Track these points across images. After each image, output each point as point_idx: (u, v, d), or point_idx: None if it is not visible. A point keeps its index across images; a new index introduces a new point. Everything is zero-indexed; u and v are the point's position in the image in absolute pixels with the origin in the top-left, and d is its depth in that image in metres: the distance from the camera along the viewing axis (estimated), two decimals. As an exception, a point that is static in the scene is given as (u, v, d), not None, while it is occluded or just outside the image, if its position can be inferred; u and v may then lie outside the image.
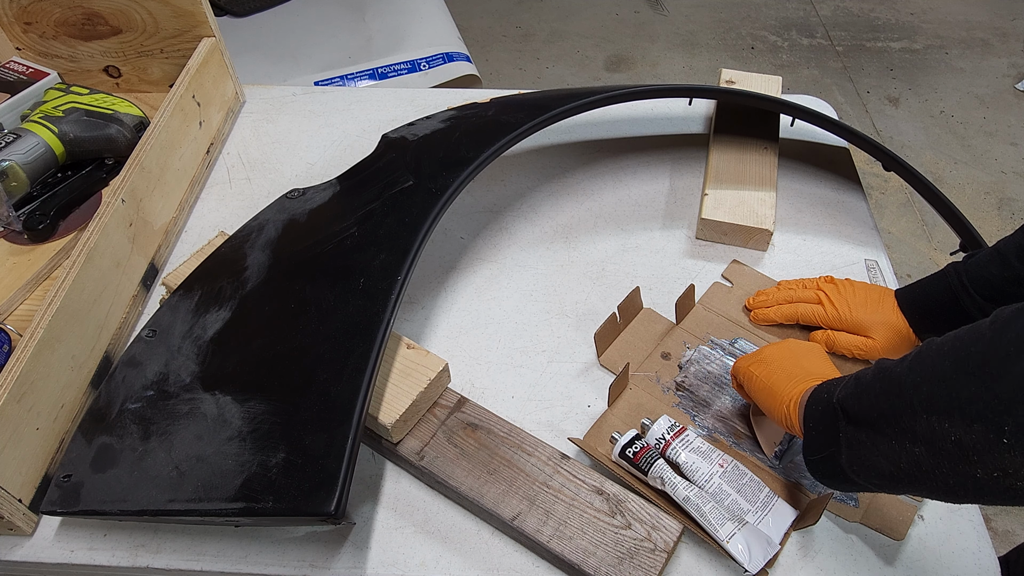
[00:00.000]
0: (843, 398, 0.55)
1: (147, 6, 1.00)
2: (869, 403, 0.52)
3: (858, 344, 0.77)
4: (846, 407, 0.54)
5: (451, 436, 0.69)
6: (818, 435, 0.57)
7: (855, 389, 0.54)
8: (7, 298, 0.81)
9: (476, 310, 0.86)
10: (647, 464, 0.66)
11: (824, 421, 0.57)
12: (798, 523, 0.66)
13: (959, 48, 2.87)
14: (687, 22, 3.04)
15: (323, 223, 0.80)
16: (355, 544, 0.67)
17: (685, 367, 0.78)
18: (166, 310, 0.76)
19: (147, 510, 0.60)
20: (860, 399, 0.53)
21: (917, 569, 0.65)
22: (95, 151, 0.96)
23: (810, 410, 0.59)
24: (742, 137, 1.02)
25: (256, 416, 0.62)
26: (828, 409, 0.57)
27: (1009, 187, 2.30)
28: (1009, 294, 0.70)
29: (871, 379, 0.53)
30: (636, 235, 0.95)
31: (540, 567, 0.65)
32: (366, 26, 1.88)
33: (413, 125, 0.91)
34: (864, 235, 0.94)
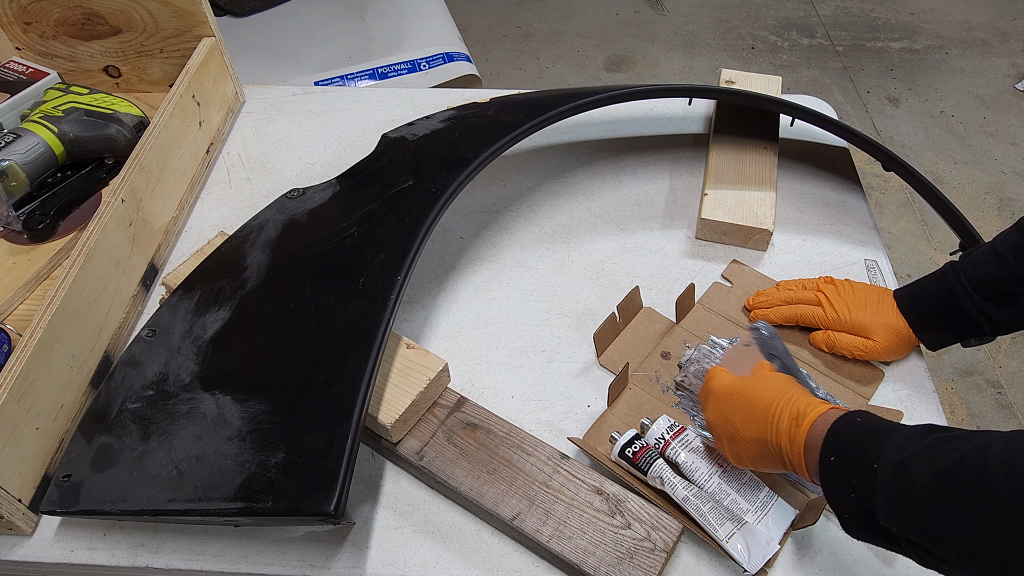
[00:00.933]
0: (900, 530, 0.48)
1: (147, 6, 1.00)
2: (948, 549, 0.45)
3: (858, 345, 0.77)
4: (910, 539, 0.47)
5: (451, 436, 0.69)
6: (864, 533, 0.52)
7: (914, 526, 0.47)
8: (7, 298, 0.81)
9: (476, 310, 0.86)
10: (646, 464, 0.66)
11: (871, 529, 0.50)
12: (797, 523, 0.66)
13: (959, 48, 2.87)
14: (687, 22, 3.04)
15: (323, 223, 0.80)
16: (355, 544, 0.67)
17: (685, 367, 0.78)
18: (166, 310, 0.76)
19: (147, 510, 0.60)
20: (933, 540, 0.46)
21: (917, 569, 0.64)
22: (95, 151, 0.96)
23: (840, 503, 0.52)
24: (742, 137, 1.02)
25: (256, 416, 0.62)
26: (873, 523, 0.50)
27: (1009, 187, 2.30)
28: (1007, 293, 0.70)
29: (934, 521, 0.45)
30: (636, 235, 0.95)
31: (540, 567, 0.65)
32: (366, 26, 1.88)
33: (413, 125, 0.91)
34: (864, 235, 0.94)
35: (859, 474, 0.50)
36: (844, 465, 0.52)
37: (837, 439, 0.54)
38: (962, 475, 0.44)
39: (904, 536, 0.48)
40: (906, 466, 0.47)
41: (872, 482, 0.49)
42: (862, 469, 0.50)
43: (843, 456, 0.53)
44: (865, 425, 0.53)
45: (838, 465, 0.53)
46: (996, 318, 0.71)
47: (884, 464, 0.49)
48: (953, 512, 0.44)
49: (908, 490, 0.47)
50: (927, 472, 0.46)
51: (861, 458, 0.51)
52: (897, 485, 0.47)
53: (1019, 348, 1.90)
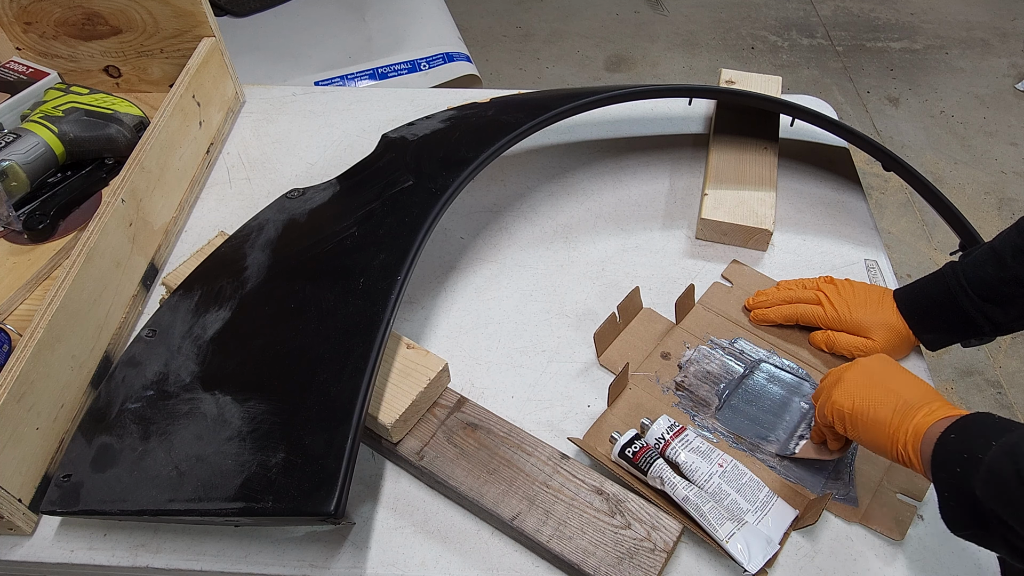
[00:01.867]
0: (993, 502, 0.49)
1: (147, 6, 1.00)
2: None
3: (858, 345, 0.77)
4: (1000, 514, 0.48)
5: (451, 436, 0.69)
6: (960, 514, 0.52)
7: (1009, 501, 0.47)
8: (7, 298, 0.81)
9: (476, 310, 0.86)
10: (646, 464, 0.66)
11: (965, 507, 0.51)
12: (798, 523, 0.66)
13: (959, 48, 2.87)
14: (687, 22, 3.04)
15: (323, 223, 0.80)
16: (355, 544, 0.67)
17: (685, 367, 0.78)
18: (166, 310, 0.76)
19: (147, 510, 0.60)
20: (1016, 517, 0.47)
21: (917, 569, 0.65)
22: (95, 151, 0.96)
23: (942, 478, 0.53)
24: (742, 137, 1.02)
25: (256, 416, 0.62)
26: (968, 497, 0.51)
27: (1009, 187, 2.30)
28: (1006, 293, 0.70)
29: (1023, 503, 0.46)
30: (636, 235, 0.95)
31: (540, 567, 0.65)
32: (366, 26, 1.88)
33: (413, 125, 0.91)
34: (864, 235, 0.94)
35: (972, 449, 0.51)
36: (962, 441, 0.52)
37: (967, 420, 0.54)
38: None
39: (995, 512, 0.48)
40: (1020, 445, 0.48)
41: (983, 454, 0.50)
42: (978, 445, 0.51)
43: (965, 433, 0.53)
44: (999, 418, 0.53)
45: (955, 440, 0.53)
46: (995, 319, 0.71)
47: (1003, 442, 0.49)
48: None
49: (1015, 466, 0.47)
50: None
51: (981, 437, 0.51)
52: (1005, 461, 0.48)
53: (1019, 348, 1.90)
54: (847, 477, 0.70)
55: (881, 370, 0.63)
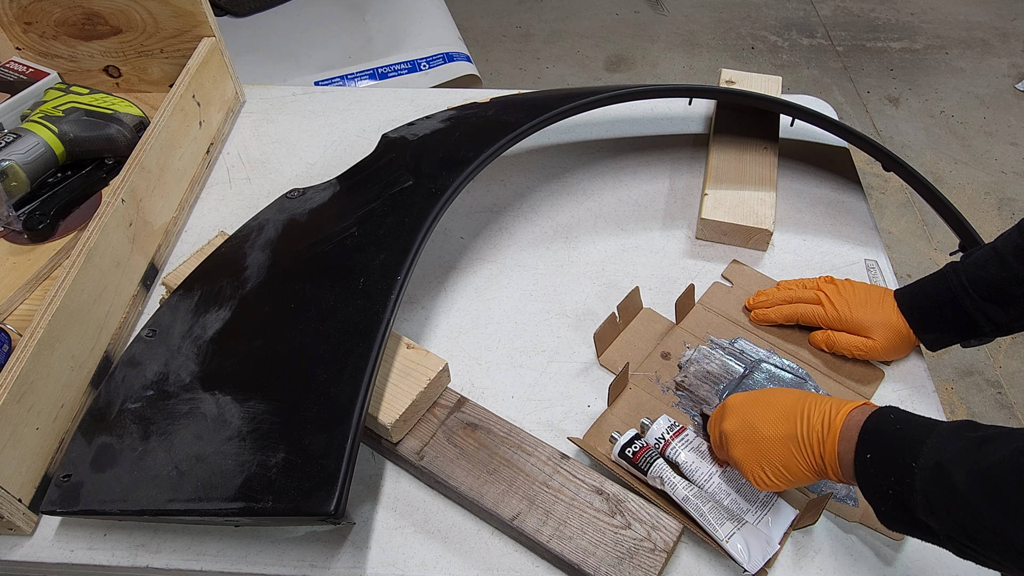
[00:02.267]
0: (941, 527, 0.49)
1: (147, 6, 1.00)
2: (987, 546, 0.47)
3: (858, 344, 0.77)
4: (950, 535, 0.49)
5: (451, 436, 0.69)
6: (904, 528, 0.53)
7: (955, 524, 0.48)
8: (7, 298, 0.81)
9: (476, 310, 0.86)
10: (646, 464, 0.66)
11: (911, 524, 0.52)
12: (797, 523, 0.66)
13: (959, 48, 2.87)
14: (687, 22, 3.04)
15: (323, 223, 0.80)
16: (355, 544, 0.67)
17: (685, 367, 0.78)
18: (166, 310, 0.76)
19: (147, 510, 0.60)
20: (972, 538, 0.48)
21: (916, 569, 0.65)
22: (95, 151, 0.96)
23: (876, 498, 0.53)
24: (742, 137, 1.02)
25: (256, 416, 0.62)
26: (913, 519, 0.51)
27: (1009, 187, 2.30)
28: (1008, 294, 0.70)
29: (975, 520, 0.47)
30: (636, 235, 0.95)
31: (540, 567, 0.65)
32: (366, 26, 1.88)
33: (413, 125, 0.91)
34: (864, 235, 0.94)
35: (896, 472, 0.51)
36: (881, 463, 0.53)
37: (872, 436, 0.54)
38: (1004, 479, 0.45)
39: (944, 532, 0.49)
40: (945, 468, 0.48)
41: (911, 481, 0.50)
42: (900, 468, 0.51)
43: (879, 453, 0.53)
44: (899, 423, 0.54)
45: (874, 463, 0.53)
46: (996, 319, 0.71)
47: (923, 464, 0.49)
48: (997, 516, 0.45)
49: (949, 493, 0.48)
50: (967, 475, 0.47)
51: (898, 456, 0.51)
52: (937, 487, 0.48)
53: (1019, 348, 1.90)
54: (847, 477, 0.70)
55: (747, 427, 0.62)
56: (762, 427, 0.61)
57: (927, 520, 0.50)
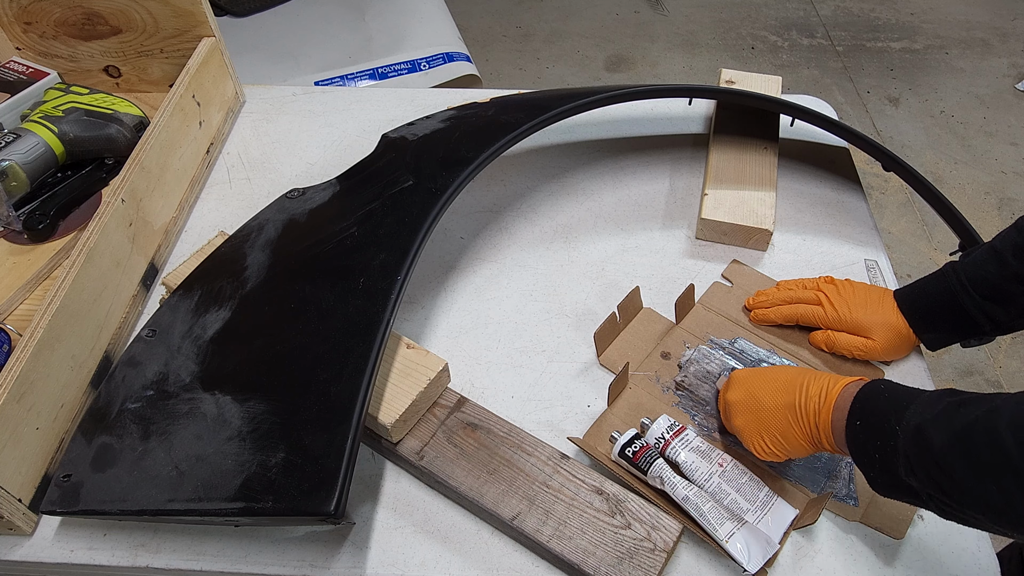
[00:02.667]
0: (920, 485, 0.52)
1: (147, 6, 1.00)
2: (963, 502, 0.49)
3: (858, 345, 0.77)
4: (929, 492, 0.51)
5: (451, 436, 0.69)
6: (891, 490, 0.56)
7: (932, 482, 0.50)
8: (7, 298, 0.81)
9: (476, 310, 0.86)
10: (646, 463, 0.66)
11: (897, 485, 0.54)
12: (797, 522, 0.66)
13: (959, 48, 2.87)
14: (687, 22, 3.04)
15: (323, 223, 0.80)
16: (355, 544, 0.67)
17: (685, 366, 0.78)
18: (166, 310, 0.76)
19: (147, 510, 0.60)
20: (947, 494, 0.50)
21: (917, 568, 0.65)
22: (95, 151, 0.96)
23: (865, 462, 0.57)
24: (742, 137, 1.02)
25: (256, 416, 0.62)
26: (897, 480, 0.54)
27: (1009, 187, 2.30)
28: (1008, 292, 0.70)
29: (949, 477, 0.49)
30: (636, 235, 0.95)
31: (540, 567, 0.65)
32: (366, 26, 1.88)
33: (413, 125, 0.91)
34: (864, 235, 0.94)
35: (882, 436, 0.54)
36: (868, 429, 0.56)
37: (862, 405, 0.58)
38: (975, 437, 0.48)
39: (924, 491, 0.52)
40: (924, 429, 0.51)
41: (894, 443, 0.53)
42: (885, 432, 0.54)
43: (868, 420, 0.56)
44: (888, 392, 0.57)
45: (863, 429, 0.56)
46: (996, 317, 0.71)
47: (905, 427, 0.53)
48: (968, 472, 0.48)
49: (927, 452, 0.50)
50: (943, 434, 0.50)
51: (884, 422, 0.55)
52: (916, 447, 0.51)
53: (1019, 348, 1.90)
54: (847, 476, 0.70)
55: (750, 398, 0.66)
56: (763, 397, 0.65)
57: (909, 481, 0.53)
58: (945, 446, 0.49)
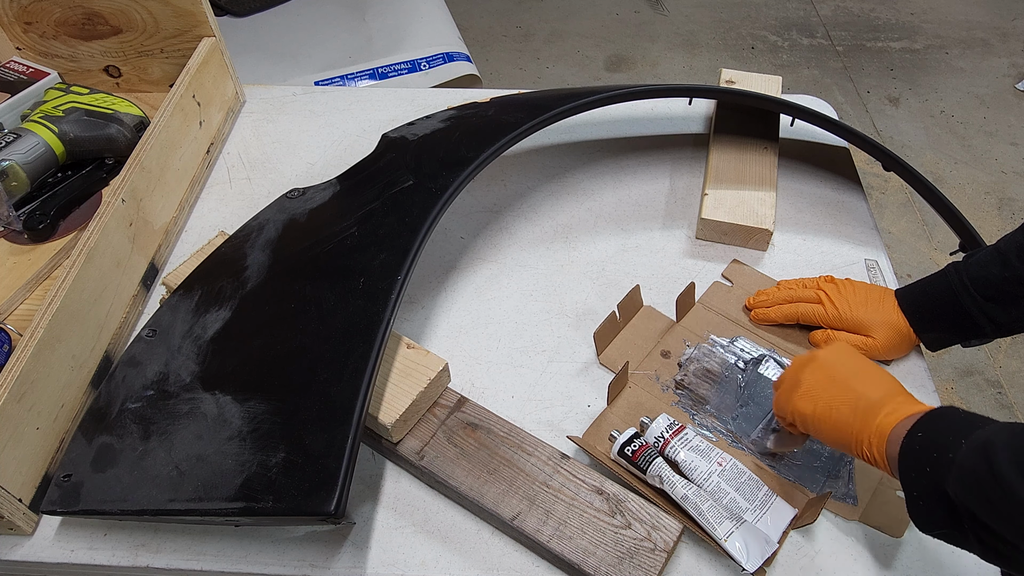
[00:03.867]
0: (965, 500, 0.48)
1: (147, 6, 1.00)
2: (1014, 530, 0.45)
3: (858, 344, 0.77)
4: (974, 512, 0.48)
5: (451, 436, 0.69)
6: (931, 514, 0.51)
7: (983, 498, 0.47)
8: (7, 298, 0.81)
9: (476, 310, 0.86)
10: (645, 462, 0.66)
11: (937, 506, 0.51)
12: (797, 522, 0.66)
13: (959, 48, 2.87)
14: (687, 22, 3.04)
15: (323, 223, 0.80)
16: (355, 544, 0.67)
17: (685, 365, 0.78)
18: (166, 310, 0.76)
19: (147, 510, 0.60)
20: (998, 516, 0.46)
21: (916, 568, 0.65)
22: (95, 151, 0.96)
23: (911, 478, 0.52)
24: (742, 137, 1.02)
25: (256, 416, 0.62)
26: (940, 496, 0.50)
27: (1009, 187, 2.30)
28: (1010, 293, 0.70)
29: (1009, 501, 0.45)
30: (636, 235, 0.95)
31: (540, 567, 0.65)
32: (366, 26, 1.89)
33: (413, 125, 0.91)
34: (864, 235, 0.94)
35: (940, 449, 0.50)
36: (929, 440, 0.52)
37: (934, 416, 0.54)
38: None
39: (969, 513, 0.47)
40: (992, 445, 0.47)
41: (953, 455, 0.49)
42: (946, 445, 0.50)
43: (933, 430, 0.52)
44: (965, 413, 0.53)
45: (923, 439, 0.52)
46: (997, 318, 0.71)
47: (971, 441, 0.48)
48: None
49: (986, 464, 0.46)
50: (1011, 451, 0.45)
51: (951, 433, 0.51)
52: (975, 459, 0.47)
53: (1019, 348, 1.90)
54: (846, 475, 0.70)
55: (841, 366, 0.62)
56: (852, 376, 0.61)
57: (954, 494, 0.48)
58: (1010, 459, 0.45)
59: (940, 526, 0.51)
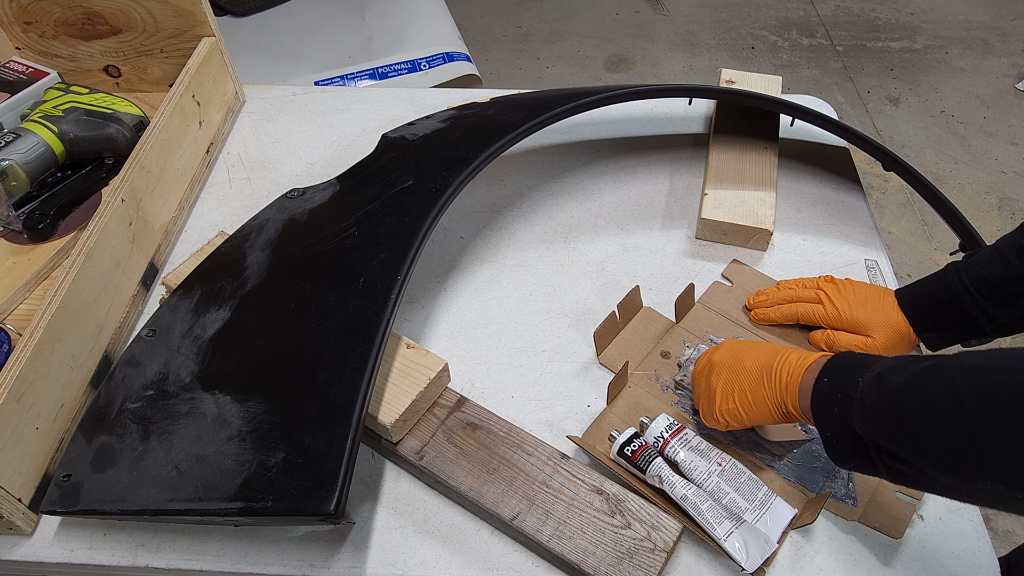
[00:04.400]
0: (869, 433, 0.52)
1: (147, 6, 1.00)
2: (910, 449, 0.49)
3: (858, 343, 0.77)
4: (876, 442, 0.52)
5: (451, 436, 0.69)
6: (844, 449, 0.55)
7: (881, 427, 0.51)
8: (7, 298, 0.81)
9: (476, 310, 0.86)
10: (645, 462, 0.66)
11: (848, 441, 0.55)
12: (796, 522, 0.66)
13: (959, 48, 2.87)
14: (687, 22, 3.04)
15: (323, 223, 0.80)
16: (355, 544, 0.67)
17: (684, 366, 0.78)
18: (166, 310, 0.76)
19: (147, 510, 0.60)
20: (895, 441, 0.50)
21: (916, 569, 0.65)
22: (95, 151, 0.96)
23: (823, 420, 0.57)
24: (742, 137, 1.02)
25: (256, 416, 0.62)
26: (849, 433, 0.54)
27: (1009, 187, 2.30)
28: (1010, 293, 0.70)
29: (900, 422, 0.49)
30: (636, 235, 0.95)
31: (540, 567, 0.65)
32: (366, 26, 1.89)
33: (413, 125, 0.91)
34: (864, 235, 0.94)
35: (844, 389, 0.55)
36: (833, 383, 0.57)
37: (834, 364, 0.59)
38: (931, 378, 0.49)
39: (873, 441, 0.52)
40: (884, 375, 0.52)
41: (854, 393, 0.54)
42: (848, 384, 0.55)
43: (835, 375, 0.57)
44: (861, 355, 0.58)
45: (828, 385, 0.57)
46: (997, 318, 0.71)
47: (867, 376, 0.54)
48: (920, 413, 0.48)
49: (882, 394, 0.51)
50: (901, 377, 0.51)
51: (850, 374, 0.56)
52: (873, 392, 0.52)
53: (1019, 348, 1.90)
54: (846, 476, 0.70)
55: (736, 357, 0.68)
56: (746, 359, 0.67)
57: (860, 431, 0.53)
58: (901, 386, 0.50)
59: (853, 459, 0.55)
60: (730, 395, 0.66)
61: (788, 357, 0.63)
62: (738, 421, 0.66)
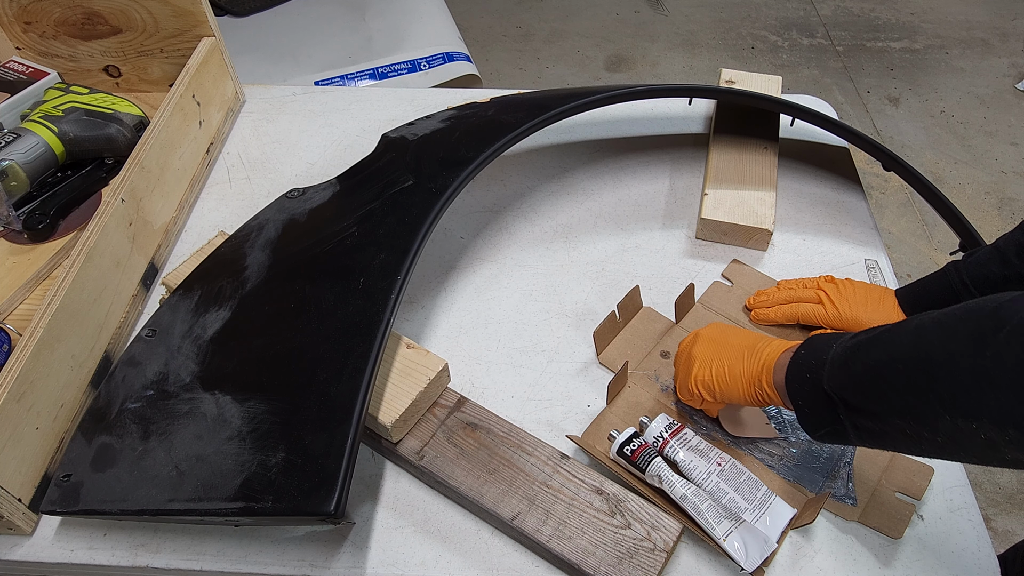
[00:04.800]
0: (837, 388, 0.54)
1: (147, 6, 1.00)
2: (873, 397, 0.51)
3: (858, 344, 0.77)
4: (844, 397, 0.53)
5: (451, 436, 0.69)
6: (814, 415, 0.57)
7: (848, 380, 0.53)
8: (7, 298, 0.81)
9: (476, 310, 0.86)
10: (644, 462, 0.66)
11: (818, 405, 0.56)
12: (796, 522, 0.66)
13: (959, 48, 2.87)
14: (687, 22, 3.04)
15: (323, 223, 0.80)
16: (355, 544, 0.67)
17: (685, 367, 0.78)
18: (166, 310, 0.76)
19: (147, 510, 0.60)
20: (860, 391, 0.52)
21: (916, 569, 0.65)
22: (95, 151, 0.96)
23: (795, 388, 0.58)
24: (742, 137, 1.02)
25: (256, 416, 0.62)
26: (819, 395, 0.56)
27: (1009, 187, 2.30)
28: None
29: (865, 370, 0.52)
30: (636, 235, 0.95)
31: (540, 567, 0.65)
32: (366, 26, 1.89)
33: (413, 125, 0.91)
34: (864, 235, 0.94)
35: (819, 354, 0.57)
36: (809, 353, 0.58)
37: (812, 338, 0.60)
38: (898, 332, 0.51)
39: (841, 397, 0.53)
40: (857, 336, 0.55)
41: (826, 356, 0.56)
42: (822, 350, 0.57)
43: (811, 348, 0.59)
44: (841, 332, 0.59)
45: (804, 355, 0.59)
46: (996, 317, 0.71)
47: (840, 342, 0.56)
48: (885, 364, 0.50)
49: (851, 348, 0.54)
50: (872, 333, 0.54)
51: (825, 344, 0.57)
52: (843, 352, 0.55)
53: (1019, 348, 1.90)
54: (845, 476, 0.70)
55: (722, 333, 0.70)
56: (733, 337, 0.68)
57: (829, 387, 0.54)
58: (871, 339, 0.52)
59: (824, 426, 0.56)
60: (708, 365, 0.67)
61: (773, 341, 0.65)
62: (710, 393, 0.67)
